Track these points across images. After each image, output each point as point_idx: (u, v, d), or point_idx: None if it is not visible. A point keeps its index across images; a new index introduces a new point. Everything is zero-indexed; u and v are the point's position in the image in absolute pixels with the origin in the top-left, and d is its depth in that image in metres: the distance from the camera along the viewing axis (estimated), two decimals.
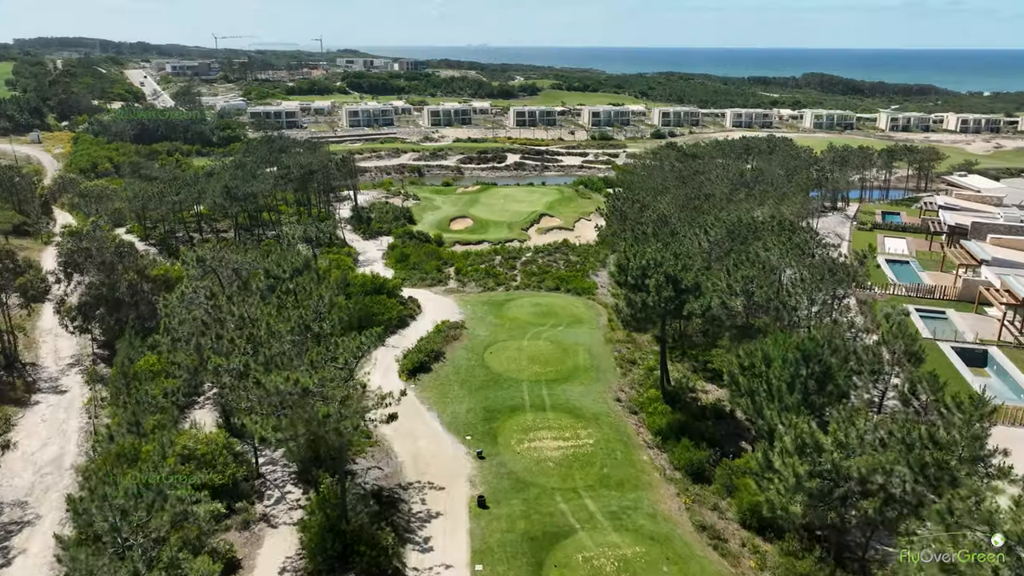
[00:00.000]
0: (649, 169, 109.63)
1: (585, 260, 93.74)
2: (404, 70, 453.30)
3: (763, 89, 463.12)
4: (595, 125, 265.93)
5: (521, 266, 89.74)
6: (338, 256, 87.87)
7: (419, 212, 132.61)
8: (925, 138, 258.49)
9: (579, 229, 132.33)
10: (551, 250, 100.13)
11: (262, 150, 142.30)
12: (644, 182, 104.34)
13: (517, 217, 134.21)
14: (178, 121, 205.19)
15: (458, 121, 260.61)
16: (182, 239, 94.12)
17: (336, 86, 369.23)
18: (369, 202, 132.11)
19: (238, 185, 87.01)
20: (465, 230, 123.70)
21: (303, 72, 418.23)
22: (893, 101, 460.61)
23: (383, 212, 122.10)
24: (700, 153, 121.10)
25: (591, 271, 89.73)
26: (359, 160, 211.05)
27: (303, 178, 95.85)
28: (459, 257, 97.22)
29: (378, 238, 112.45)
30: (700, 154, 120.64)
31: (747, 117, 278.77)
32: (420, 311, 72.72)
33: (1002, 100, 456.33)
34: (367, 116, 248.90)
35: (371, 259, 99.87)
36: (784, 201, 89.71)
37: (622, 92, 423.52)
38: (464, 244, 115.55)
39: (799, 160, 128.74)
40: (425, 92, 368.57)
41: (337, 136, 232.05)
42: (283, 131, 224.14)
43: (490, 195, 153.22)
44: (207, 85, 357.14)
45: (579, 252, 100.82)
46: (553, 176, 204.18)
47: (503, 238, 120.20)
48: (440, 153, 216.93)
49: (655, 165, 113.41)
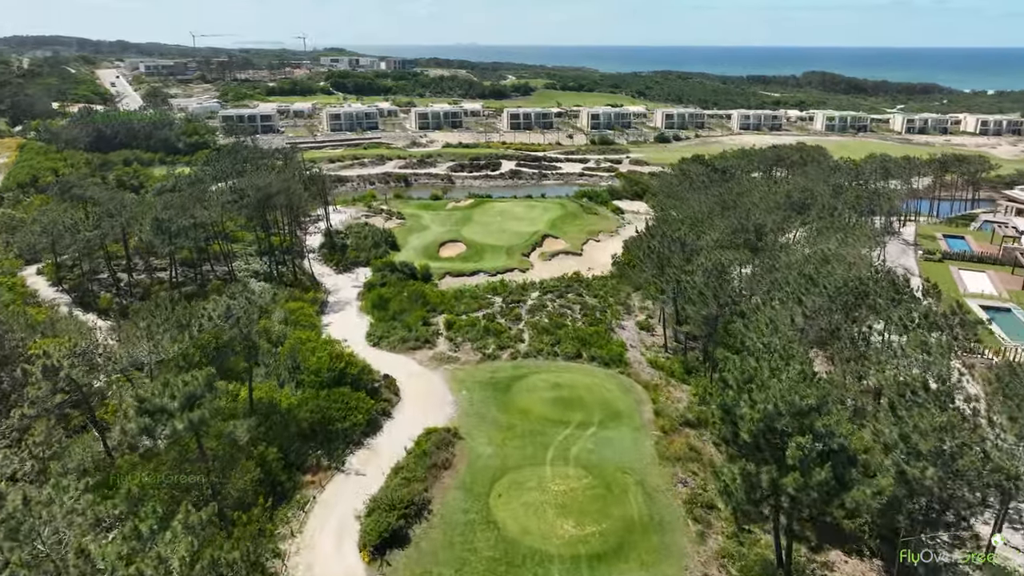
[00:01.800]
0: (676, 187, 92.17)
1: (606, 305, 76.44)
2: (391, 69, 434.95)
3: (763, 88, 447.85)
4: (594, 128, 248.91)
5: (527, 315, 72.18)
6: (300, 304, 70.17)
7: (404, 234, 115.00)
8: (946, 141, 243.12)
9: (589, 253, 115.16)
10: (561, 288, 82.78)
11: (224, 162, 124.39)
12: (677, 206, 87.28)
13: (516, 239, 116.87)
14: (140, 126, 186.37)
15: (448, 124, 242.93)
16: (106, 282, 76.26)
17: (319, 86, 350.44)
18: (346, 223, 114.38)
19: (173, 216, 69.30)
20: (457, 257, 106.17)
21: (285, 72, 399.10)
22: (897, 100, 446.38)
23: (361, 237, 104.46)
24: (730, 167, 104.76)
25: (614, 319, 72.46)
26: (340, 168, 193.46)
27: (259, 203, 78.46)
28: (450, 299, 79.74)
29: (354, 270, 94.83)
30: (730, 168, 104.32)
31: (755, 119, 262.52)
32: (398, 400, 54.78)
33: (1008, 99, 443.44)
34: (350, 119, 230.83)
35: (343, 302, 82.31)
36: (850, 232, 73.15)
37: (619, 92, 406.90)
38: (456, 275, 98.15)
39: (839, 172, 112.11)
40: (413, 92, 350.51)
41: (317, 141, 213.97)
42: (257, 136, 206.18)
43: (484, 211, 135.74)
44: (182, 86, 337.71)
45: (595, 290, 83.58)
46: (552, 185, 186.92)
47: (501, 267, 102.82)
48: (429, 160, 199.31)
49: (681, 181, 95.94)
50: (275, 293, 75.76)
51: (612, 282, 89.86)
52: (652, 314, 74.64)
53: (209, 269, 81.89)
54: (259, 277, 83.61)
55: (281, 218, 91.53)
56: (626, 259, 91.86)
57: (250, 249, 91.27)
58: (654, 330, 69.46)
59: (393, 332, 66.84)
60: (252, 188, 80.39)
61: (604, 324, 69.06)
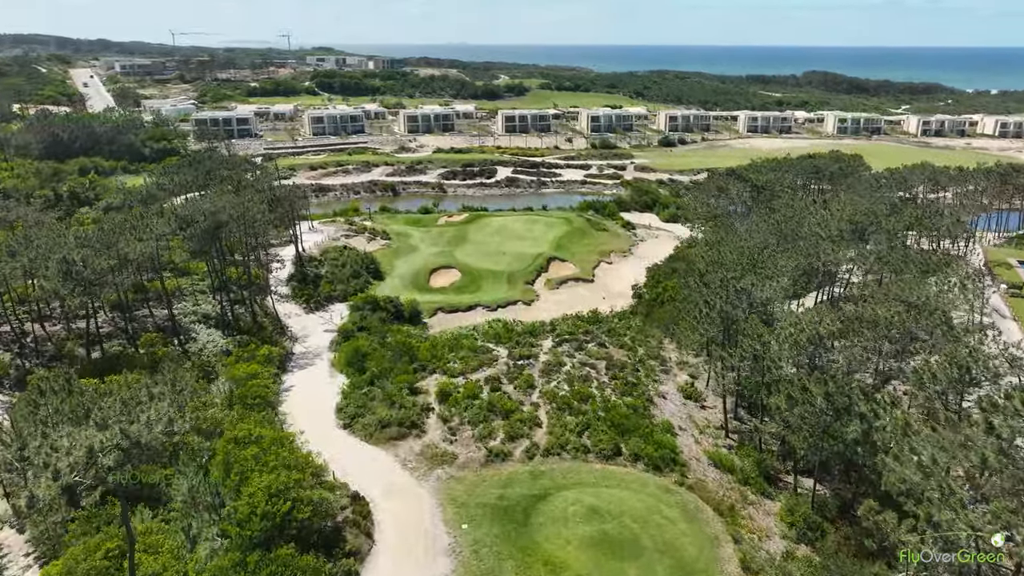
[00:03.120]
0: (715, 207, 77.06)
1: (636, 359, 61.68)
2: (380, 69, 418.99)
3: (763, 88, 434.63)
4: (595, 131, 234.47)
5: (541, 377, 57.23)
6: (254, 369, 54.88)
7: (389, 258, 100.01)
8: (967, 144, 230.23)
9: (601, 279, 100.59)
10: (578, 335, 67.84)
11: (186, 173, 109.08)
12: (720, 234, 72.47)
13: (518, 262, 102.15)
14: (102, 130, 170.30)
15: (439, 127, 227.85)
16: (7, 337, 60.59)
17: (304, 86, 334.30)
18: (322, 245, 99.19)
19: (89, 257, 53.73)
20: (451, 288, 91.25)
21: (268, 71, 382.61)
22: (901, 100, 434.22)
23: (338, 264, 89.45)
24: (769, 182, 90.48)
25: (651, 381, 57.63)
26: (322, 176, 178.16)
27: (208, 234, 63.38)
28: (442, 349, 64.82)
29: (329, 308, 79.91)
30: (770, 184, 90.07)
31: (763, 121, 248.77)
32: (371, 546, 37.75)
33: (1012, 99, 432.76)
34: (334, 122, 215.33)
35: (312, 352, 67.33)
36: (936, 272, 58.90)
37: (616, 92, 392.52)
38: (450, 311, 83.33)
39: (885, 185, 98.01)
40: (402, 93, 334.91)
41: (297, 147, 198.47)
42: (232, 141, 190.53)
43: (481, 227, 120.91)
44: (159, 86, 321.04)
45: (618, 334, 68.82)
46: (552, 194, 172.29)
47: (502, 298, 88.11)
48: (418, 167, 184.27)
49: (718, 198, 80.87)
50: (223, 353, 60.76)
51: (636, 322, 75.22)
52: (696, 372, 60.12)
53: (147, 314, 66.75)
54: (210, 323, 68.48)
55: (241, 245, 76.32)
56: (652, 294, 77.27)
57: (202, 284, 76.09)
58: (703, 399, 55.08)
59: (370, 406, 51.84)
60: (200, 214, 65.20)
61: (640, 392, 54.40)
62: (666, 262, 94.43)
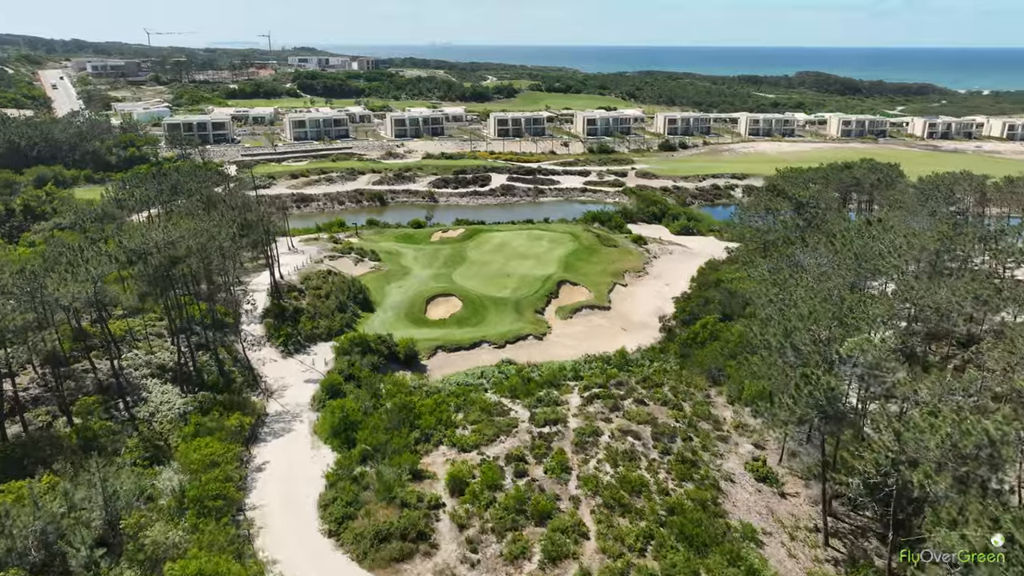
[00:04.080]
0: (763, 228, 65.73)
1: (686, 421, 50.65)
2: (364, 69, 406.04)
3: (756, 89, 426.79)
4: (591, 134, 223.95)
5: (577, 456, 45.69)
6: (211, 450, 42.98)
7: (379, 283, 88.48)
8: (977, 147, 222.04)
9: (618, 305, 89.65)
10: (609, 387, 56.70)
11: (149, 186, 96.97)
12: (778, 265, 61.26)
13: (525, 287, 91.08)
14: (65, 136, 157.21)
15: (428, 131, 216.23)
16: None
17: (285, 88, 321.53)
18: (303, 270, 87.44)
19: (2, 310, 41.86)
20: (451, 320, 79.84)
21: (248, 72, 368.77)
22: (894, 101, 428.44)
23: (321, 295, 77.86)
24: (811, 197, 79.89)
25: (709, 451, 46.67)
26: (304, 185, 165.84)
27: (160, 272, 51.65)
28: (448, 407, 53.45)
29: (310, 349, 68.37)
30: (812, 200, 79.44)
31: (765, 124, 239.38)
32: None
33: (1007, 99, 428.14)
34: (316, 126, 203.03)
35: (291, 413, 55.79)
36: None
37: (608, 93, 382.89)
38: (451, 349, 71.99)
39: (932, 197, 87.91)
40: (388, 95, 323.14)
41: (277, 153, 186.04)
42: (207, 147, 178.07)
43: (479, 245, 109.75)
44: (133, 88, 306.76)
45: (655, 383, 57.71)
46: (550, 203, 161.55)
47: (510, 333, 76.91)
48: (407, 174, 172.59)
49: (764, 217, 69.68)
50: (180, 418, 49.01)
51: (672, 366, 64.32)
52: (761, 439, 49.16)
53: (88, 369, 54.96)
54: (166, 376, 56.67)
55: (205, 279, 64.44)
56: (688, 333, 66.27)
57: (159, 324, 64.26)
58: (781, 482, 44.07)
59: (363, 501, 40.47)
60: (153, 246, 53.41)
61: (704, 475, 43.38)
62: (695, 290, 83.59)
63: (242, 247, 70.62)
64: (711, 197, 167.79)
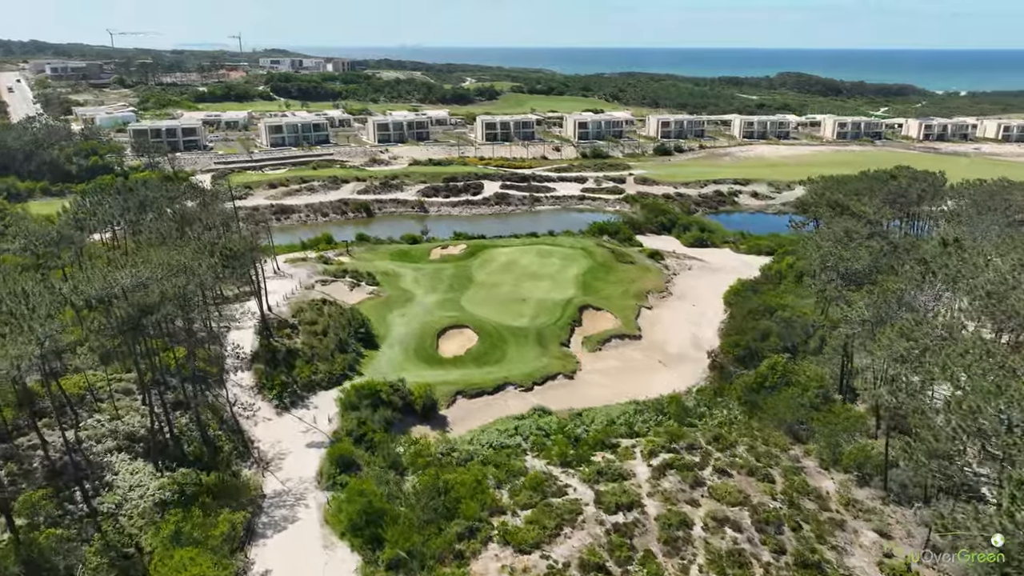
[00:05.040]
0: (845, 255, 55.92)
1: (786, 499, 41.16)
2: (340, 71, 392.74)
3: (738, 90, 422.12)
4: (583, 139, 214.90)
5: (670, 560, 35.49)
6: (198, 569, 32.31)
7: (380, 312, 77.94)
8: (975, 149, 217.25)
9: (648, 332, 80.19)
10: (679, 448, 47.07)
11: (111, 202, 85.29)
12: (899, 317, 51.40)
13: (543, 313, 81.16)
14: (18, 144, 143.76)
15: (413, 136, 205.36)
16: None
17: (258, 91, 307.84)
18: (294, 299, 76.53)
19: None
20: (468, 357, 69.63)
21: (218, 75, 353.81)
22: (875, 102, 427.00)
23: (317, 330, 67.23)
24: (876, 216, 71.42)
25: (827, 544, 37.23)
26: (284, 196, 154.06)
27: (127, 326, 40.98)
28: (487, 483, 43.42)
29: (309, 400, 57.77)
30: (877, 217, 70.89)
31: (760, 126, 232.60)
32: None
33: (983, 100, 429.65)
34: (294, 131, 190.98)
35: (294, 495, 45.31)
36: None
37: (591, 95, 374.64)
38: (473, 395, 62.00)
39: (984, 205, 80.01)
40: (366, 97, 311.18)
41: (254, 160, 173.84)
42: (178, 155, 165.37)
43: (485, 264, 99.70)
44: (96, 91, 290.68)
45: (727, 442, 48.23)
46: (548, 212, 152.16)
47: (537, 372, 67.10)
48: (394, 182, 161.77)
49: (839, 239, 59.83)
50: (155, 510, 38.39)
51: (737, 414, 54.99)
52: (882, 522, 39.82)
53: (36, 444, 43.78)
54: (135, 447, 45.74)
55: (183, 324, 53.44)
56: (755, 379, 56.83)
57: (126, 378, 53.18)
58: None
59: None
60: (117, 291, 42.54)
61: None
62: (742, 317, 74.27)
63: (224, 279, 59.69)
64: (715, 204, 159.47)
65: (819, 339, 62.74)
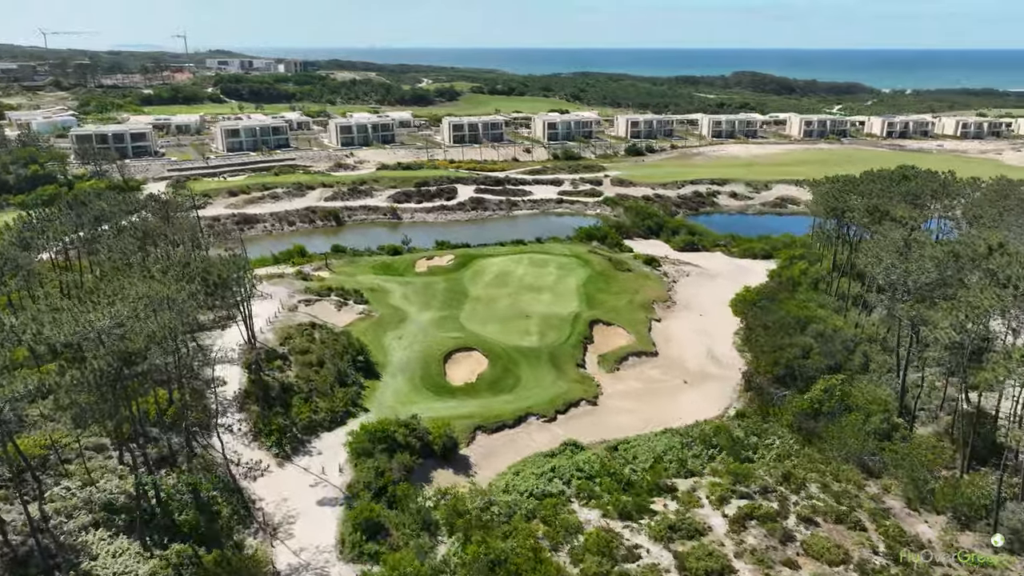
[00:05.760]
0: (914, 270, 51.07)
1: (890, 553, 36.05)
2: (292, 72, 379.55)
3: (695, 89, 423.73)
4: (552, 139, 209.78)
5: None
6: None
7: (375, 337, 70.63)
8: (939, 146, 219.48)
9: (665, 349, 74.80)
10: (749, 490, 41.63)
11: (63, 221, 75.85)
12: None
13: (551, 330, 75.00)
14: None
15: (378, 139, 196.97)
16: None
17: (207, 93, 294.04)
18: (279, 324, 68.63)
19: None
20: (481, 384, 63.03)
21: (163, 76, 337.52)
22: (827, 100, 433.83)
23: (311, 360, 59.75)
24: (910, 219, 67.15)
25: None
26: (246, 204, 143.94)
27: (107, 382, 33.43)
28: (542, 548, 37.17)
29: (312, 444, 50.44)
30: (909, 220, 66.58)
31: (728, 125, 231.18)
32: None
33: (927, 98, 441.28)
34: (252, 135, 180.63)
35: (313, 569, 38.01)
36: None
37: (552, 95, 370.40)
38: (492, 430, 55.53)
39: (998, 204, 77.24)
40: (322, 98, 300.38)
41: (210, 166, 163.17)
42: (126, 162, 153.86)
43: (477, 276, 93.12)
44: (29, 94, 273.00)
45: (797, 485, 43.01)
46: (526, 217, 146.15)
47: (559, 399, 61.00)
48: (363, 188, 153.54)
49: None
50: None
51: (790, 443, 49.83)
52: None
53: None
54: (115, 519, 37.92)
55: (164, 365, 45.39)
56: (809, 402, 51.71)
57: (98, 432, 44.90)
58: None
59: None
60: (94, 339, 34.75)
61: None
62: (767, 328, 69.23)
63: (207, 308, 51.80)
64: (695, 206, 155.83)
65: (862, 355, 58.12)
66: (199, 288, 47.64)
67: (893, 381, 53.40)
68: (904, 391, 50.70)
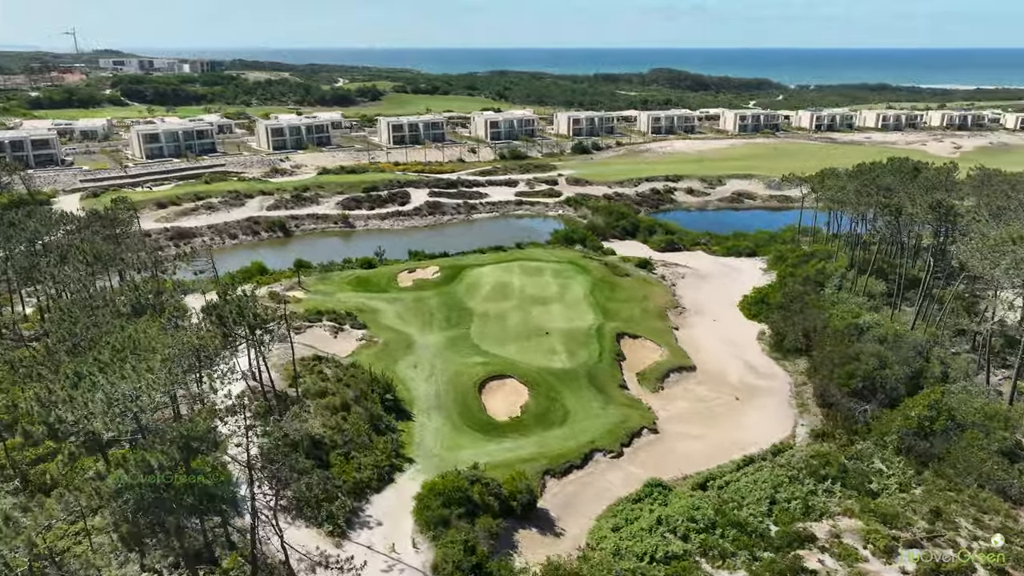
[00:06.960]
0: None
1: None
2: (199, 72, 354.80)
3: (615, 87, 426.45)
4: (495, 139, 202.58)
5: None
6: None
7: (386, 366, 61.27)
8: (867, 138, 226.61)
9: (699, 362, 69.07)
10: (917, 549, 36.27)
11: None
12: None
13: (577, 346, 67.89)
14: None
15: (312, 141, 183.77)
16: None
17: (105, 95, 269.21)
18: (272, 355, 57.99)
19: None
20: (528, 418, 55.15)
21: (51, 77, 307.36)
22: (739, 96, 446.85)
23: (334, 402, 50.26)
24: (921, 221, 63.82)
25: None
26: (178, 216, 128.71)
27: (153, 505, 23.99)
28: None
29: (365, 512, 41.46)
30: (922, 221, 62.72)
31: (667, 121, 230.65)
32: None
33: (831, 93, 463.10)
34: (174, 140, 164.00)
35: None
36: None
37: (477, 94, 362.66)
38: (561, 472, 47.96)
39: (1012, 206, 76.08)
40: (236, 100, 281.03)
41: (130, 175, 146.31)
42: (29, 172, 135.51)
43: (472, 289, 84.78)
44: None
45: (949, 524, 38.00)
46: (486, 220, 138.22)
47: (621, 431, 54.07)
48: (307, 195, 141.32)
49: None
50: None
51: (905, 470, 44.83)
52: None
53: None
54: None
55: None
56: (915, 421, 46.81)
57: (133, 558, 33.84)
58: None
59: None
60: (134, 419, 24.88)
61: None
62: (825, 336, 64.36)
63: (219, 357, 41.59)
64: (655, 203, 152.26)
65: (940, 362, 54.10)
66: (215, 330, 37.55)
67: (986, 389, 49.51)
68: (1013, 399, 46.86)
